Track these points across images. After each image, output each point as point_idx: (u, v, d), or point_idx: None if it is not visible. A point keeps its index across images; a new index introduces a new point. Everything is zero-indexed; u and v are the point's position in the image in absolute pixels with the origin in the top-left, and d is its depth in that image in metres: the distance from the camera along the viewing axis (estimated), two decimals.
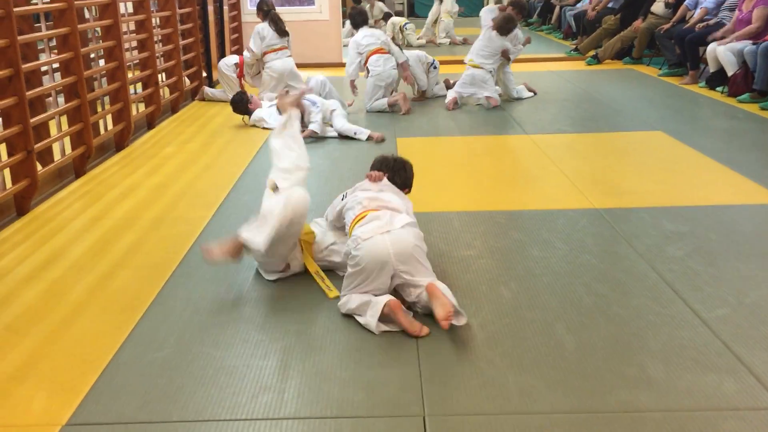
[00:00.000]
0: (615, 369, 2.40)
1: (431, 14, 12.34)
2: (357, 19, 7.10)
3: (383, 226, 2.80)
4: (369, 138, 5.62)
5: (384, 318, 2.66)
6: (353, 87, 6.84)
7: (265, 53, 7.17)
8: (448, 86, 7.29)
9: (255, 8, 9.88)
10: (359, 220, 2.89)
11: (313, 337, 2.66)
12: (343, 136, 5.73)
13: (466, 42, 11.65)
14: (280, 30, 7.15)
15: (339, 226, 3.18)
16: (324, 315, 2.81)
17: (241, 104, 6.29)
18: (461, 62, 7.23)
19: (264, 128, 6.07)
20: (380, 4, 12.83)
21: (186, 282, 3.15)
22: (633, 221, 3.75)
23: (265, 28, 7.16)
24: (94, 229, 3.82)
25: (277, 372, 2.42)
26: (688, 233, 3.57)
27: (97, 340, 2.66)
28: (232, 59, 7.64)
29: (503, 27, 6.71)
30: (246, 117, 6.33)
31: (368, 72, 6.78)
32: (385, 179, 3.14)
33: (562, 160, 4.98)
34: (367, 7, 11.70)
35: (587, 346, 2.54)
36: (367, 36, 6.82)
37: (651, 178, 4.52)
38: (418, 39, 12.00)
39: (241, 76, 7.56)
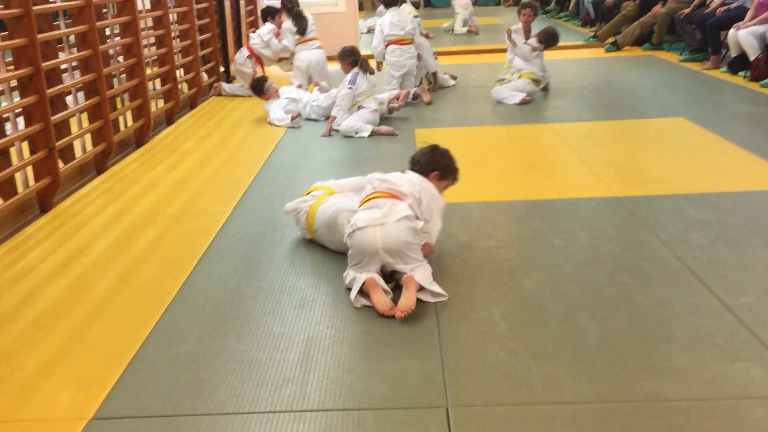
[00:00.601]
0: (640, 358, 2.37)
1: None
2: None
3: (378, 219, 2.87)
4: (373, 133, 5.53)
5: (363, 293, 2.80)
6: (379, 67, 6.96)
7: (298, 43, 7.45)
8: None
9: (269, 2, 9.95)
10: (365, 202, 3.01)
11: (335, 329, 2.66)
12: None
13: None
14: (302, 29, 7.30)
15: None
16: (345, 307, 2.82)
17: (257, 89, 6.33)
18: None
19: (268, 122, 6.08)
20: None
21: (207, 276, 3.16)
22: (655, 209, 3.71)
23: (288, 24, 7.44)
24: (116, 225, 3.85)
25: (300, 364, 2.43)
26: (712, 220, 3.53)
27: (121, 335, 2.68)
28: (243, 53, 7.69)
29: (550, 42, 6.66)
30: None
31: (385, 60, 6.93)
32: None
33: (583, 149, 4.93)
34: None
35: (611, 336, 2.52)
36: (393, 23, 6.79)
37: (673, 165, 4.47)
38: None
39: (259, 62, 7.63)
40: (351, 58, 5.76)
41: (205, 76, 7.61)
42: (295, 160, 5.01)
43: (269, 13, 7.73)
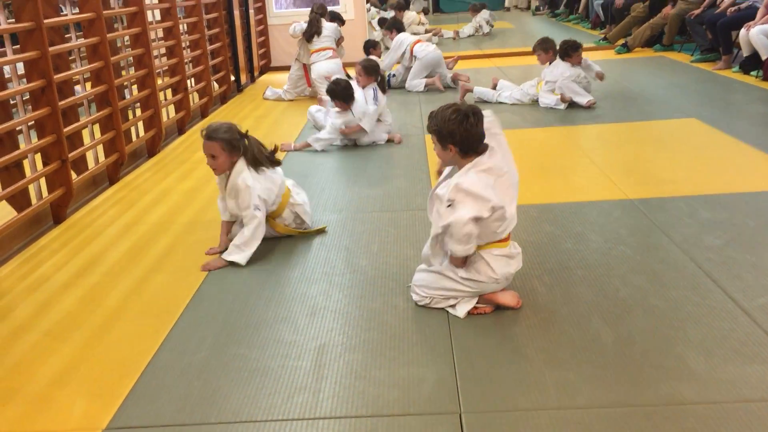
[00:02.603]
0: (654, 362, 2.35)
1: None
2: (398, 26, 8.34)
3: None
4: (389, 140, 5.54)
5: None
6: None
7: (311, 53, 7.57)
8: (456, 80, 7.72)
9: (280, 11, 9.99)
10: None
11: (347, 336, 2.65)
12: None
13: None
14: (308, 35, 7.40)
15: None
16: (357, 314, 2.81)
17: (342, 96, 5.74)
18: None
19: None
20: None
21: (219, 284, 3.17)
22: (668, 211, 3.69)
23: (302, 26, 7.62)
24: (128, 235, 3.88)
25: (312, 372, 2.43)
26: (726, 221, 3.50)
27: (134, 344, 2.69)
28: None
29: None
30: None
31: (415, 58, 7.71)
32: None
33: (594, 151, 4.91)
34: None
35: (625, 339, 2.50)
36: (407, 35, 8.08)
37: (686, 166, 4.44)
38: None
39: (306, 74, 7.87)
40: (376, 74, 5.71)
41: (215, 85, 7.65)
42: (305, 167, 5.02)
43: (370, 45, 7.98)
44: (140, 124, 5.64)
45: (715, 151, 4.74)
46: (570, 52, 6.40)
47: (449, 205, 2.58)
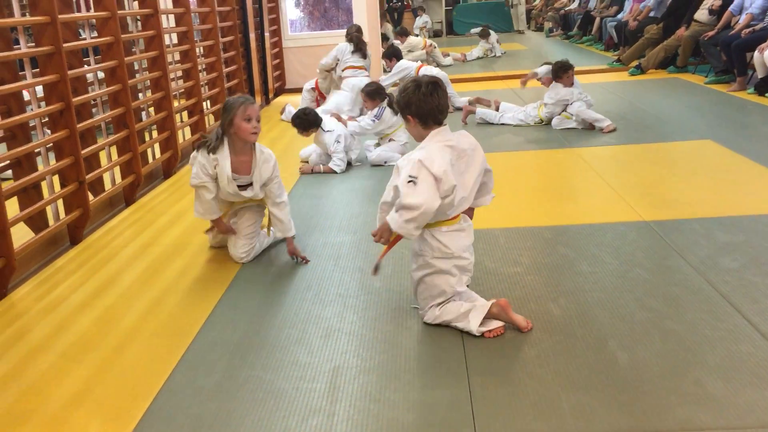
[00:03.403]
0: (671, 386, 2.33)
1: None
2: (397, 54, 8.18)
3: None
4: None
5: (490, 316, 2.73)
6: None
7: (343, 69, 7.76)
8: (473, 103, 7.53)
9: (295, 34, 10.11)
10: None
11: (362, 358, 2.65)
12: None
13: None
14: (363, 52, 7.60)
15: None
16: (371, 336, 2.81)
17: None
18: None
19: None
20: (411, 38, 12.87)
21: (234, 306, 3.18)
22: (684, 233, 3.66)
23: (344, 46, 7.82)
24: (144, 256, 3.90)
25: (327, 394, 2.42)
26: (743, 243, 3.47)
27: (149, 366, 2.69)
28: (309, 83, 8.02)
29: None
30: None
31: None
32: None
33: (609, 173, 4.90)
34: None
35: (641, 363, 2.48)
36: (410, 60, 8.08)
37: (701, 188, 4.42)
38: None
39: (320, 95, 7.91)
40: (379, 97, 5.78)
41: None
42: (319, 189, 5.04)
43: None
44: (156, 146, 5.69)
45: (731, 172, 4.72)
46: (560, 73, 6.43)
47: (410, 181, 2.62)
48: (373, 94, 5.78)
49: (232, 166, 3.51)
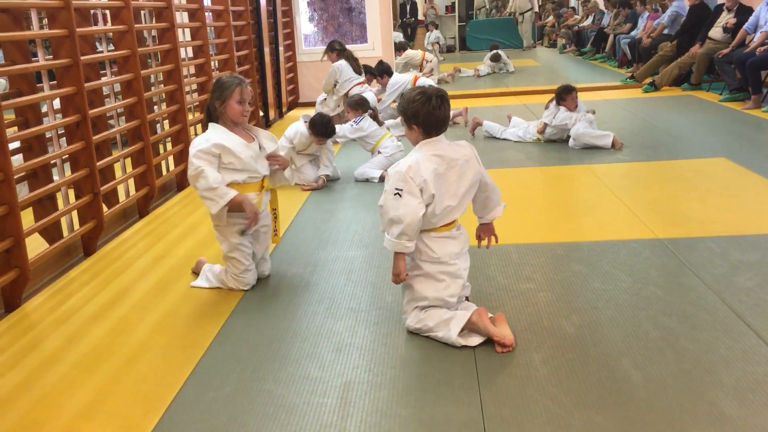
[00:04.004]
0: (686, 406, 2.30)
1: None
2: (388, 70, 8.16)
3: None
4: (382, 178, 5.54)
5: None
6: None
7: (348, 90, 7.66)
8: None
9: (309, 48, 10.16)
10: None
11: (373, 373, 2.64)
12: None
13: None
14: (358, 67, 7.57)
15: None
16: (383, 351, 2.80)
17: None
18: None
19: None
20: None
21: (245, 318, 3.18)
22: (699, 251, 3.64)
23: (342, 65, 7.60)
24: (157, 268, 3.91)
25: (338, 409, 2.41)
26: (758, 262, 3.44)
27: (161, 378, 2.70)
28: (322, 96, 8.11)
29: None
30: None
31: None
32: None
33: (622, 190, 4.88)
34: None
35: (655, 382, 2.45)
36: (401, 75, 8.13)
37: (716, 206, 4.40)
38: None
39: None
40: (362, 108, 5.94)
41: None
42: (332, 202, 5.05)
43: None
44: (170, 158, 5.73)
45: (746, 191, 4.69)
46: (564, 95, 6.45)
47: (396, 194, 2.70)
48: (356, 105, 5.99)
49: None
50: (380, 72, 8.13)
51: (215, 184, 3.24)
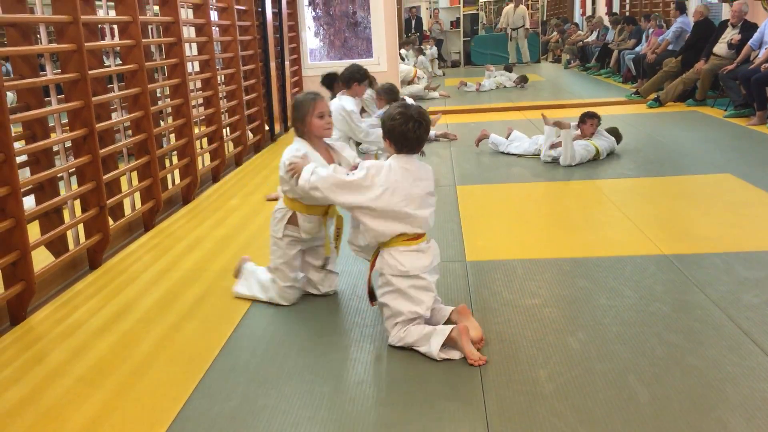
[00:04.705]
0: (693, 423, 2.29)
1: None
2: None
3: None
4: None
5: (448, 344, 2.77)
6: None
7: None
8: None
9: (314, 62, 10.17)
10: None
11: (378, 388, 2.63)
12: None
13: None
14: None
15: None
16: (388, 366, 2.79)
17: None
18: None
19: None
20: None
21: (251, 332, 3.18)
22: (705, 267, 3.63)
23: (368, 94, 7.13)
24: (162, 281, 3.92)
25: (343, 425, 2.40)
26: (765, 279, 3.43)
27: (166, 392, 2.69)
28: None
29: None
30: None
31: None
32: None
33: (627, 205, 4.88)
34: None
35: (662, 399, 2.44)
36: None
37: (721, 222, 4.39)
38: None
39: None
40: (391, 96, 6.07)
41: (250, 134, 7.79)
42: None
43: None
44: (176, 172, 5.75)
45: (751, 207, 4.68)
46: (585, 119, 6.50)
47: (363, 175, 2.86)
48: (386, 93, 6.28)
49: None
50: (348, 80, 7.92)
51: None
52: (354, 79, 6.18)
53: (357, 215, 2.93)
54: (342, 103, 6.10)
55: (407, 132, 2.84)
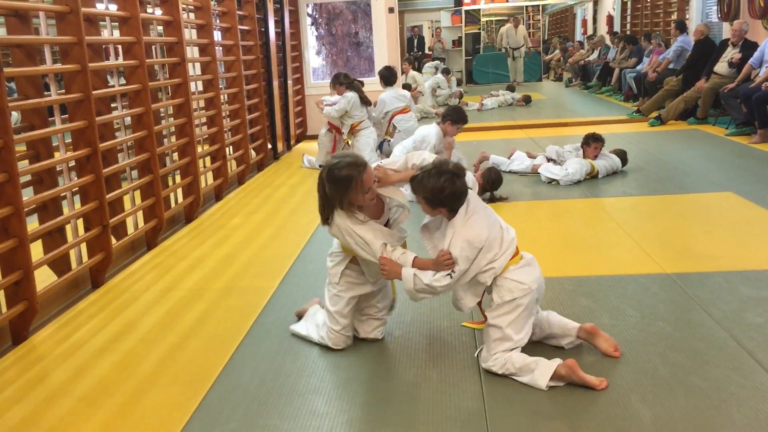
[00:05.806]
0: None
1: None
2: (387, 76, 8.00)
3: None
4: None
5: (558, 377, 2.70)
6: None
7: (391, 117, 7.75)
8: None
9: (317, 81, 10.23)
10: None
11: (380, 408, 2.62)
12: None
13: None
14: (365, 99, 7.48)
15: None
16: (388, 387, 2.78)
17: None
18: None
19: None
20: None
21: (253, 352, 3.17)
22: (707, 286, 3.62)
23: (354, 98, 7.44)
24: (164, 301, 3.92)
25: None
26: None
27: (167, 412, 2.68)
28: (323, 129, 7.88)
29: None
30: None
31: (395, 128, 7.66)
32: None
33: (629, 224, 4.88)
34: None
35: (665, 420, 2.43)
36: (393, 97, 7.77)
37: (724, 240, 4.38)
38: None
39: (339, 132, 7.70)
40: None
41: (253, 153, 7.82)
42: None
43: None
44: (179, 191, 5.76)
45: (754, 225, 4.68)
46: (590, 141, 6.54)
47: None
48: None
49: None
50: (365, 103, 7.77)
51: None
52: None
53: (479, 278, 2.87)
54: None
55: (456, 190, 2.78)
